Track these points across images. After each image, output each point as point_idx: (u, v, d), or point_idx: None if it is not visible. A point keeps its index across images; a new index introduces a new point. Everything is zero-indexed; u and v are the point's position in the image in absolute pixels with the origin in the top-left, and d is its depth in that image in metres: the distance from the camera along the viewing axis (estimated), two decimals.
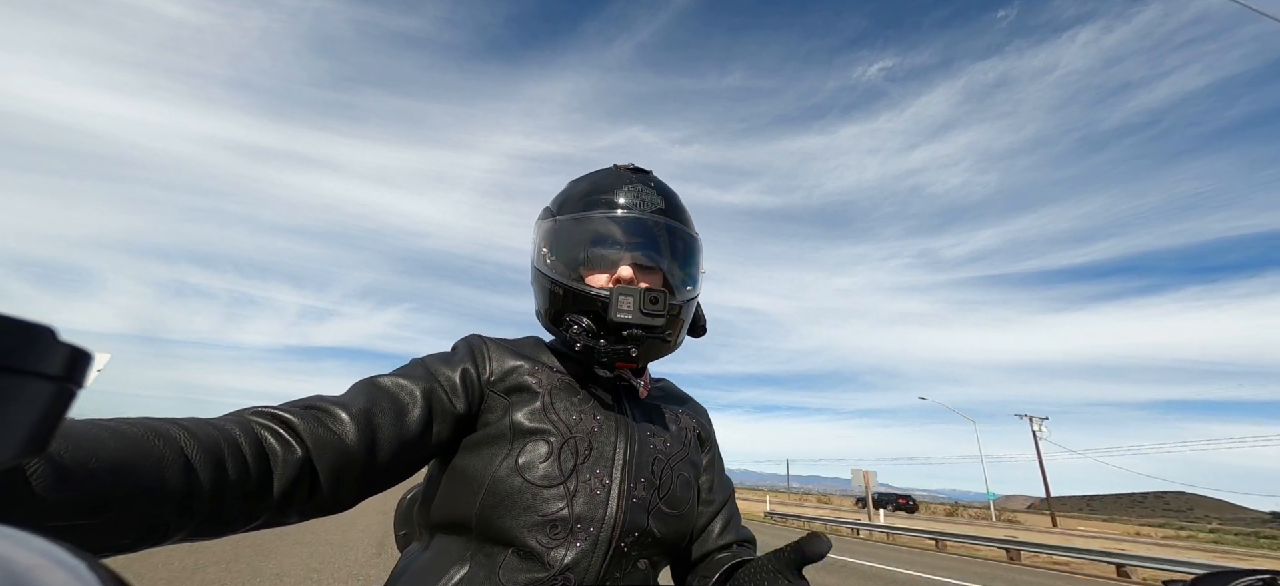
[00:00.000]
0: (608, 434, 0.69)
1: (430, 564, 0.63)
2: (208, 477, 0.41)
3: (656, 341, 0.67)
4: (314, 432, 0.53)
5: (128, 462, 0.35)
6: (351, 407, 0.57)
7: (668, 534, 0.69)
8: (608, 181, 0.76)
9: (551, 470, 0.63)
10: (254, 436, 0.48)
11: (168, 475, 0.37)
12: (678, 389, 0.90)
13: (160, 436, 0.38)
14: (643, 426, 0.73)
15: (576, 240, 0.72)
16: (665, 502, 0.69)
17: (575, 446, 0.65)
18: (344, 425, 0.55)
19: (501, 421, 0.66)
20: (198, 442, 0.41)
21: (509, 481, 0.61)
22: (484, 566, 0.60)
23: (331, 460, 0.53)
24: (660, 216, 0.74)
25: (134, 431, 0.37)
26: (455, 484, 0.65)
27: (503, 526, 0.60)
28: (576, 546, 0.61)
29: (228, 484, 0.43)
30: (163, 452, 0.38)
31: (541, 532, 0.60)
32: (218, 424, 0.46)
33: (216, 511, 0.42)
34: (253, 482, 0.46)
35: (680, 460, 0.75)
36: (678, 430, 0.78)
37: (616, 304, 0.64)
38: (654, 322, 0.64)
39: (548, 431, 0.65)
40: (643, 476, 0.68)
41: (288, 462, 0.49)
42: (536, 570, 0.59)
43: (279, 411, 0.53)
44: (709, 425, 0.88)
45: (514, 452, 0.63)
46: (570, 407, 0.69)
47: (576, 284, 0.69)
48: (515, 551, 0.60)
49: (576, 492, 0.63)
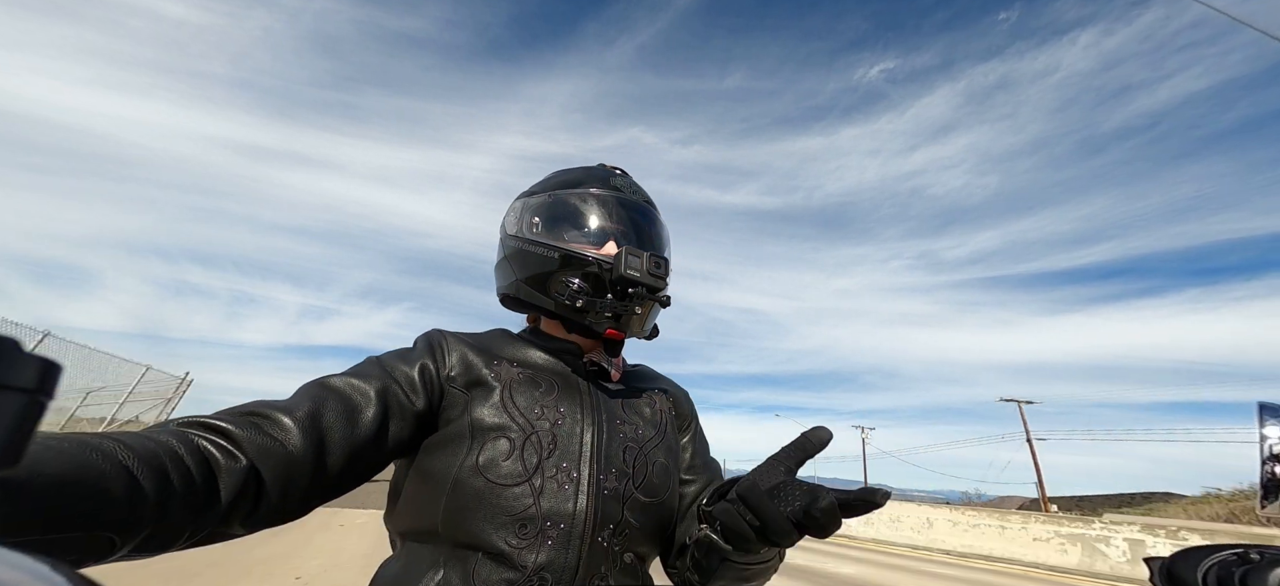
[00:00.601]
0: (572, 425, 0.66)
1: (403, 573, 0.60)
2: (152, 489, 0.39)
3: (652, 305, 0.71)
4: (254, 441, 0.50)
5: (70, 478, 0.34)
6: (295, 412, 0.54)
7: (647, 523, 0.66)
8: (598, 170, 0.80)
9: (514, 467, 0.60)
10: (194, 446, 0.46)
11: (111, 488, 0.36)
12: (653, 371, 0.88)
13: (96, 451, 0.37)
14: (612, 413, 0.71)
15: (570, 213, 0.75)
16: (641, 491, 0.66)
17: (538, 441, 0.63)
18: (287, 431, 0.53)
19: (461, 419, 0.64)
20: (136, 455, 0.40)
21: (471, 482, 0.59)
22: (458, 571, 0.57)
23: (275, 468, 0.50)
24: (649, 206, 0.80)
25: (68, 447, 0.36)
26: (419, 488, 0.63)
27: (470, 529, 0.58)
28: (548, 545, 0.58)
29: (173, 494, 0.41)
30: (102, 466, 0.37)
31: (510, 532, 0.58)
32: (153, 436, 0.44)
33: (162, 525, 0.41)
34: (198, 493, 0.44)
35: (655, 445, 0.72)
36: (652, 414, 0.76)
37: (626, 262, 0.67)
38: (658, 284, 0.69)
39: (508, 427, 0.63)
40: (613, 466, 0.65)
41: (231, 472, 0.47)
42: (510, 571, 0.57)
43: (215, 421, 0.50)
44: (688, 403, 0.86)
45: (475, 451, 0.61)
46: (531, 401, 0.66)
47: (575, 246, 0.71)
48: (485, 554, 0.58)
49: (542, 489, 0.60)
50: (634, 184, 0.81)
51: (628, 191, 0.78)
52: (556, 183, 0.79)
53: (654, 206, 0.82)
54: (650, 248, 0.75)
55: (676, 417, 0.82)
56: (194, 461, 0.44)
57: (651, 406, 0.77)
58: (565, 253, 0.70)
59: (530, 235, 0.74)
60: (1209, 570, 0.44)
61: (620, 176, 0.80)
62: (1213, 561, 0.45)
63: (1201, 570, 0.45)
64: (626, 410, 0.74)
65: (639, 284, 0.67)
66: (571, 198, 0.76)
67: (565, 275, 0.70)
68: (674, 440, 0.78)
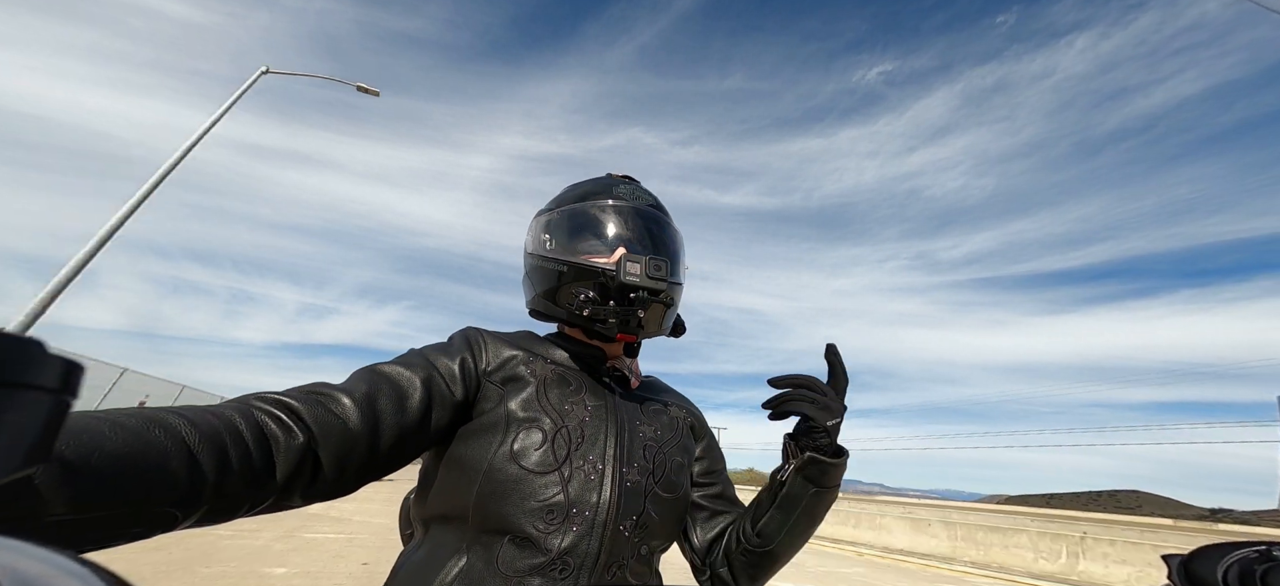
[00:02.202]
0: (599, 422, 0.71)
1: (427, 558, 0.63)
2: (211, 465, 0.42)
3: (659, 307, 0.74)
4: (317, 417, 0.54)
5: (130, 455, 0.36)
6: (354, 393, 0.58)
7: (665, 517, 0.71)
8: (604, 181, 0.84)
9: (546, 457, 0.64)
10: (255, 422, 0.49)
11: (171, 465, 0.38)
12: (667, 385, 0.93)
13: (160, 426, 0.39)
14: (633, 414, 0.76)
15: (577, 226, 0.78)
16: (661, 486, 0.71)
17: (568, 434, 0.67)
18: (347, 410, 0.56)
19: (496, 410, 0.67)
20: (198, 431, 0.42)
21: (505, 468, 0.62)
22: (481, 556, 0.60)
23: (336, 444, 0.54)
24: (653, 209, 0.82)
25: (133, 423, 0.37)
26: (452, 473, 0.65)
27: (500, 513, 0.61)
28: (573, 530, 0.62)
29: (231, 471, 0.44)
30: (164, 443, 0.38)
31: (538, 518, 0.61)
32: (218, 411, 0.47)
33: (221, 497, 0.43)
34: (256, 468, 0.46)
35: (672, 445, 0.77)
36: (668, 420, 0.81)
37: (625, 268, 0.70)
38: (658, 286, 0.71)
39: (541, 419, 0.67)
40: (635, 461, 0.70)
41: (290, 448, 0.50)
42: (534, 556, 0.60)
43: (281, 397, 0.54)
44: (701, 417, 0.91)
45: (509, 440, 0.64)
46: (563, 397, 0.71)
47: (580, 259, 0.74)
48: (512, 539, 0.61)
49: (571, 478, 0.64)
50: (639, 190, 0.83)
51: (631, 198, 0.80)
52: (565, 198, 0.83)
53: (661, 208, 0.84)
54: (654, 251, 0.77)
55: (694, 427, 0.87)
56: (253, 437, 0.47)
57: (667, 413, 0.82)
58: (572, 264, 0.74)
59: (542, 251, 0.79)
60: (1230, 568, 0.43)
61: (625, 185, 0.83)
62: (1233, 559, 0.44)
63: (1222, 568, 0.44)
64: (645, 412, 0.79)
65: (639, 288, 0.70)
66: (578, 211, 0.79)
67: (574, 286, 0.74)
68: (689, 443, 0.83)
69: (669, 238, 0.81)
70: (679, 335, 0.87)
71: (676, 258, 0.81)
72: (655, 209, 0.82)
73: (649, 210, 0.81)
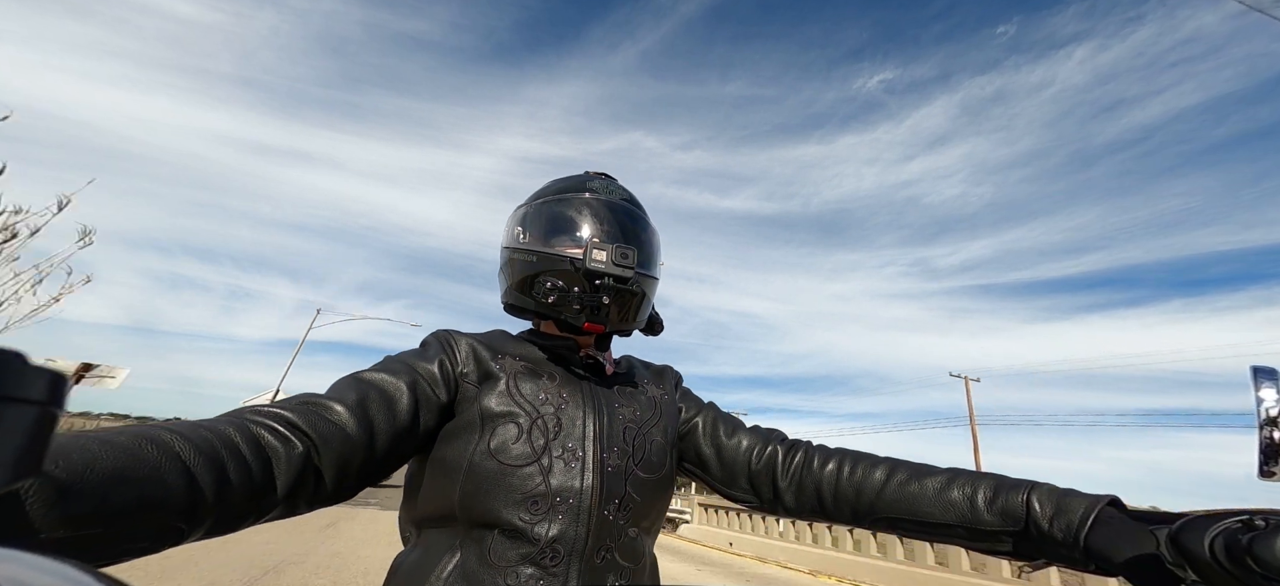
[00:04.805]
0: (575, 409, 0.71)
1: (422, 557, 0.64)
2: (208, 480, 0.41)
3: (629, 296, 0.73)
4: (315, 425, 0.54)
5: (124, 472, 0.35)
6: (345, 400, 0.59)
7: (649, 497, 0.71)
8: (580, 177, 0.85)
9: (524, 449, 0.65)
10: (251, 435, 0.49)
11: (167, 480, 0.38)
12: (643, 362, 0.92)
13: (153, 443, 0.39)
14: (610, 399, 0.76)
15: (550, 219, 0.79)
16: (641, 467, 0.72)
17: (544, 424, 0.68)
18: (342, 417, 0.57)
19: (472, 409, 0.68)
20: (192, 446, 0.42)
21: (484, 465, 0.63)
22: (473, 551, 0.62)
23: (336, 451, 0.55)
24: (627, 204, 0.82)
25: (125, 440, 0.37)
26: (436, 476, 0.66)
27: (485, 507, 0.62)
28: (559, 518, 0.63)
29: (229, 484, 0.44)
30: (158, 459, 0.38)
31: (522, 509, 0.62)
32: (212, 426, 0.46)
33: (224, 511, 0.43)
34: (255, 481, 0.47)
35: (652, 425, 0.77)
36: (647, 399, 0.80)
37: (591, 255, 0.70)
38: (625, 273, 0.71)
39: (516, 413, 0.68)
40: (615, 445, 0.71)
41: (290, 458, 0.51)
42: (524, 545, 0.61)
43: (275, 409, 0.54)
44: (681, 381, 0.91)
45: (486, 437, 0.66)
46: (535, 389, 0.71)
47: (550, 248, 0.75)
48: (500, 531, 0.62)
49: (551, 468, 0.65)
50: (612, 185, 0.84)
51: (603, 192, 0.81)
52: (541, 193, 0.83)
53: (635, 203, 0.84)
54: (622, 241, 0.76)
55: (678, 394, 0.88)
56: (251, 450, 0.47)
57: (645, 393, 0.82)
58: (542, 254, 0.75)
59: (515, 244, 0.80)
60: (1216, 538, 0.44)
61: (600, 180, 0.84)
62: (1218, 529, 0.44)
63: (1208, 538, 0.44)
64: (623, 395, 0.78)
65: (604, 275, 0.70)
66: (550, 204, 0.80)
67: (543, 276, 0.74)
68: (671, 422, 0.82)
69: (639, 229, 0.81)
70: (655, 333, 0.85)
71: (647, 249, 0.80)
72: (629, 203, 0.82)
73: (622, 204, 0.81)
